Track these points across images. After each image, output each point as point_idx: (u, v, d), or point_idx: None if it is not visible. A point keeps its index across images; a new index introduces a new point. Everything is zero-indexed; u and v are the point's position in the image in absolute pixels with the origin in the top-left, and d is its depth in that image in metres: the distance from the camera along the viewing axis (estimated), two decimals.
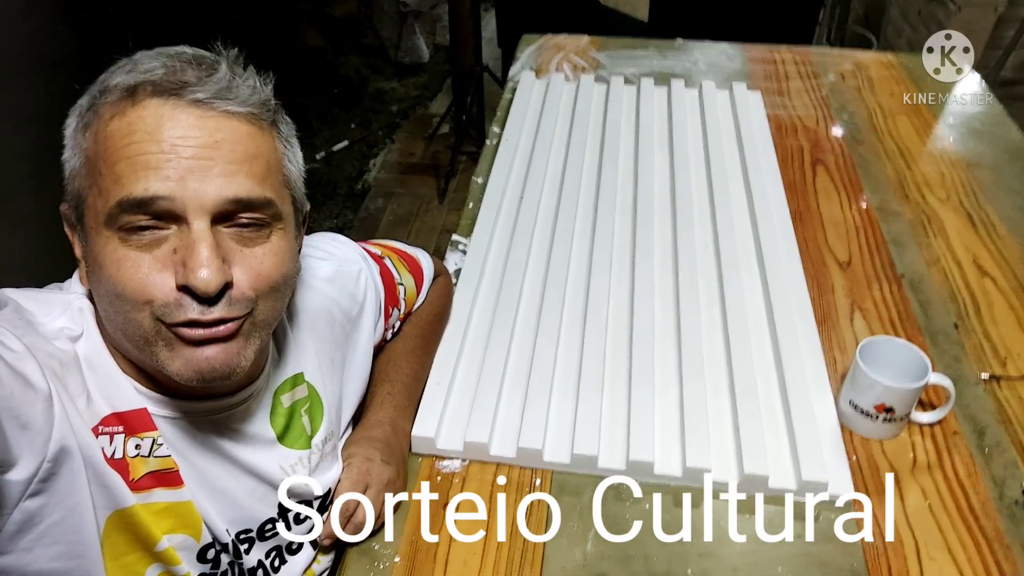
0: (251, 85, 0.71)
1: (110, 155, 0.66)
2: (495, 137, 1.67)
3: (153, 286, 0.66)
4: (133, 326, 0.68)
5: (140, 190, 0.65)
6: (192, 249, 0.66)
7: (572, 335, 1.20)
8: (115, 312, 0.69)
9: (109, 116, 0.67)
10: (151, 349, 0.69)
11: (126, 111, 0.66)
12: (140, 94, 0.66)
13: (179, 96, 0.66)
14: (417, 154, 3.49)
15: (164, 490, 0.76)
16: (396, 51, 4.11)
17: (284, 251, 0.73)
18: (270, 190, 0.71)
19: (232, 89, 0.69)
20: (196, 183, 0.66)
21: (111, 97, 0.67)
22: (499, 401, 1.08)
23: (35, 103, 1.96)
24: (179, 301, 0.67)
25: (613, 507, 0.98)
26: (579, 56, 2.03)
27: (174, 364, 0.69)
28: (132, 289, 0.66)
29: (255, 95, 0.71)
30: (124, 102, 0.67)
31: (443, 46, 4.21)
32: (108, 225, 0.66)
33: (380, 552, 0.93)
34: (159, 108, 0.66)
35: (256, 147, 0.70)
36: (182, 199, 0.65)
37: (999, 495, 1.00)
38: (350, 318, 0.98)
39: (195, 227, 0.66)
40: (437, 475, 1.02)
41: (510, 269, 1.30)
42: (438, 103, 3.88)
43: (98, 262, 0.68)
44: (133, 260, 0.66)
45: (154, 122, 0.66)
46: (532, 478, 1.02)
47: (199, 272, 0.65)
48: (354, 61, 4.05)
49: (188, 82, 0.67)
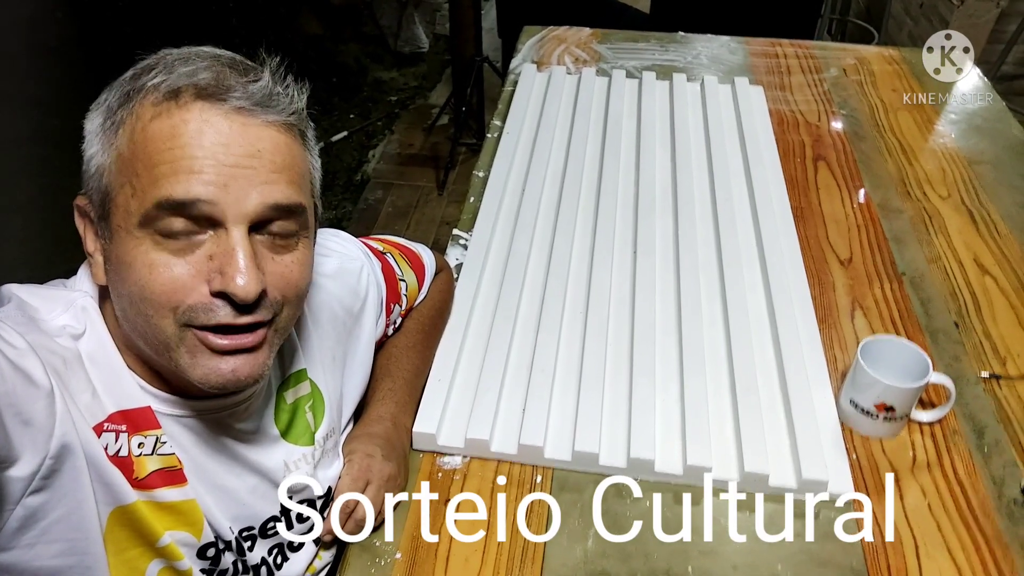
0: (290, 95, 0.71)
1: (151, 156, 0.66)
2: (496, 130, 1.67)
3: (184, 292, 0.67)
4: (155, 330, 0.68)
5: (182, 192, 0.64)
6: (231, 256, 0.66)
7: (574, 331, 1.20)
8: (136, 314, 0.69)
9: (150, 117, 0.66)
10: (171, 354, 0.69)
11: (170, 113, 0.66)
12: (184, 97, 0.66)
13: (223, 102, 0.66)
14: (416, 145, 3.48)
15: (168, 488, 0.76)
16: (395, 40, 4.09)
17: (309, 260, 0.75)
18: (303, 198, 0.72)
19: (273, 98, 0.69)
20: (238, 189, 0.66)
21: (152, 97, 0.67)
22: (500, 397, 1.08)
23: (34, 89, 1.95)
24: (210, 305, 0.67)
25: (614, 505, 0.98)
26: (580, 49, 2.02)
27: (196, 371, 0.69)
28: (162, 292, 0.66)
29: (292, 104, 0.71)
30: (167, 103, 0.66)
31: (443, 35, 4.19)
32: (143, 226, 0.66)
33: (381, 548, 0.93)
34: (203, 113, 0.66)
35: (292, 156, 0.71)
36: (223, 204, 0.66)
37: (998, 494, 1.00)
38: (352, 314, 0.97)
39: (234, 234, 0.67)
40: (438, 472, 1.02)
41: (511, 264, 1.30)
42: (437, 93, 3.87)
43: (125, 262, 0.67)
44: (166, 264, 0.66)
45: (197, 127, 0.65)
46: (533, 475, 1.02)
47: (238, 279, 0.66)
48: (353, 49, 4.03)
49: (232, 88, 0.67)
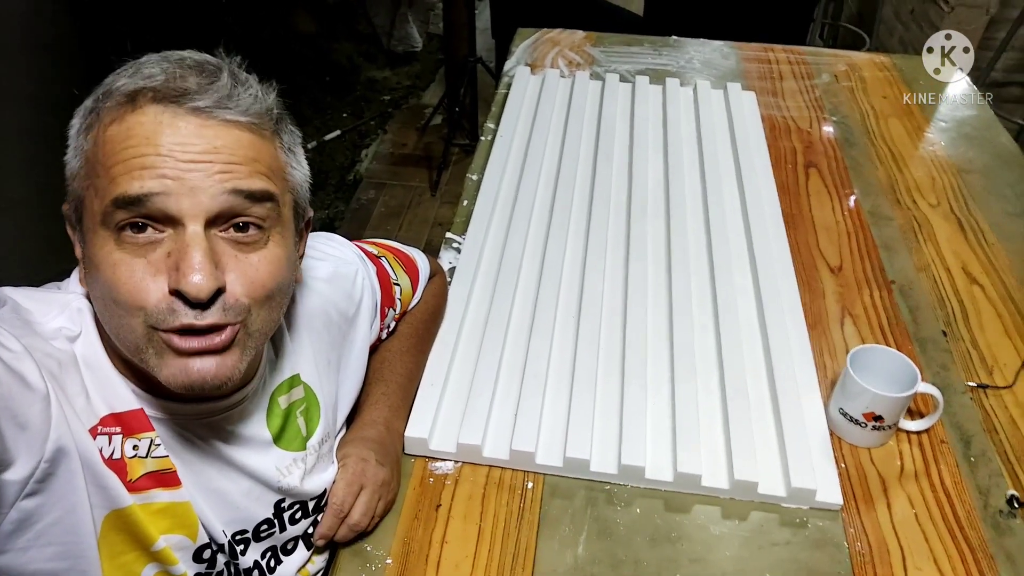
0: (253, 94, 0.70)
1: (107, 158, 0.66)
2: (490, 133, 1.67)
3: (146, 291, 0.66)
4: (126, 331, 0.68)
5: (135, 188, 0.64)
6: (185, 253, 0.65)
7: (566, 336, 1.20)
8: (110, 315, 0.69)
9: (109, 120, 0.67)
10: (142, 355, 0.69)
11: (125, 116, 0.66)
12: (140, 100, 0.66)
13: (178, 104, 0.66)
14: (409, 145, 3.48)
15: (162, 491, 0.76)
16: (389, 39, 4.09)
17: (280, 258, 0.73)
18: (271, 186, 0.71)
19: (233, 98, 0.68)
20: (193, 181, 0.65)
21: (112, 101, 0.67)
22: (492, 402, 1.09)
23: (28, 86, 1.94)
24: (171, 306, 0.66)
25: (605, 511, 0.99)
26: (574, 52, 2.02)
27: (164, 372, 0.69)
28: (126, 293, 0.66)
29: (256, 104, 0.70)
30: (124, 107, 0.67)
31: (436, 35, 4.19)
32: (104, 225, 0.66)
33: (372, 553, 0.93)
34: (159, 115, 0.66)
35: (257, 151, 0.70)
36: (177, 197, 0.65)
37: (984, 504, 1.01)
38: (346, 318, 0.98)
39: (189, 230, 0.66)
40: (430, 476, 1.02)
41: (504, 269, 1.30)
42: (431, 93, 3.87)
43: (94, 263, 0.68)
44: (128, 264, 0.66)
45: (152, 128, 0.65)
46: (524, 481, 1.02)
47: (191, 277, 0.65)
48: (347, 48, 4.03)
49: (188, 90, 0.67)
